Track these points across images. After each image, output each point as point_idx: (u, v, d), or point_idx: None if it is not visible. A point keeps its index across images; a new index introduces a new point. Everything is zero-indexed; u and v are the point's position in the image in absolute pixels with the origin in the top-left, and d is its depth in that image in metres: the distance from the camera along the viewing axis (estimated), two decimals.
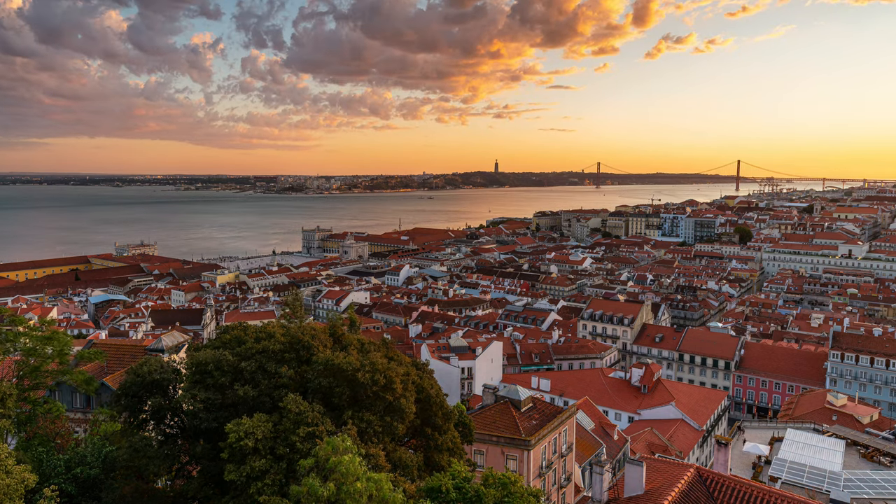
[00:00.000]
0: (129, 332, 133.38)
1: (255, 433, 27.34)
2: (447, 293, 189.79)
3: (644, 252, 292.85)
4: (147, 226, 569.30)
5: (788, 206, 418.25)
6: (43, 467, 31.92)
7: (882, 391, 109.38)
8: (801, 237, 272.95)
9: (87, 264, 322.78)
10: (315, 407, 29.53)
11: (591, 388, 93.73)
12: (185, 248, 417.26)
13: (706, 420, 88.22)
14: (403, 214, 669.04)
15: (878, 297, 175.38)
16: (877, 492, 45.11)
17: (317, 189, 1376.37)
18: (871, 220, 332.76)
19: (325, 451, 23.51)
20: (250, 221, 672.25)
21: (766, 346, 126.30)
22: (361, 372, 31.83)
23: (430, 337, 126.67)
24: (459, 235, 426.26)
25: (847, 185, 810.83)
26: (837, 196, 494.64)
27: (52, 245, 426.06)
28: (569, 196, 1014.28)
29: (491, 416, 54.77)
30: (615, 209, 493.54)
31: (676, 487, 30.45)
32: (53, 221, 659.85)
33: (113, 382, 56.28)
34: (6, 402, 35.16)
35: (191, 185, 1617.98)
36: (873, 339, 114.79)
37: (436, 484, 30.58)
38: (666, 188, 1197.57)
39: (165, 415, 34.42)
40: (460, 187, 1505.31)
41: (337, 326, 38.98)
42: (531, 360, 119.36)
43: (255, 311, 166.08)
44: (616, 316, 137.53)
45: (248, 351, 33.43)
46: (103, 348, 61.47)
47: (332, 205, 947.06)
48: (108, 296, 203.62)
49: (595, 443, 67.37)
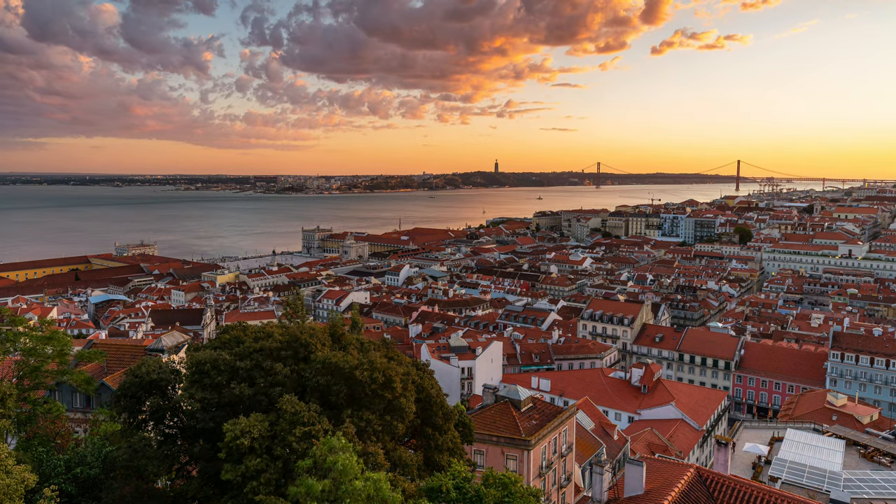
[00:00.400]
0: (129, 332, 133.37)
1: (251, 432, 27.33)
2: (447, 293, 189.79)
3: (644, 252, 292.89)
4: (147, 226, 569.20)
5: (788, 206, 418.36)
6: (43, 467, 31.91)
7: (882, 391, 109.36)
8: (801, 237, 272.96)
9: (87, 264, 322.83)
10: (311, 406, 29.49)
11: (591, 388, 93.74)
12: (185, 248, 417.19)
13: (706, 420, 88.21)
14: (403, 214, 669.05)
15: (878, 297, 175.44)
16: (877, 492, 45.06)
17: (317, 189, 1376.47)
18: (871, 220, 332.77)
19: (321, 450, 23.49)
20: (250, 221, 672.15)
21: (766, 346, 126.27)
22: (359, 370, 31.79)
23: (430, 337, 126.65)
24: (459, 235, 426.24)
25: (847, 185, 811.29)
26: (837, 196, 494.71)
27: (52, 245, 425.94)
28: (569, 196, 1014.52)
29: (491, 416, 54.76)
30: (615, 209, 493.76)
31: (676, 487, 30.44)
32: (53, 221, 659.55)
33: (113, 382, 56.33)
34: (6, 402, 35.14)
35: (191, 185, 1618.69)
36: (873, 339, 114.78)
37: (436, 484, 30.61)
38: (668, 188, 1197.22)
39: (164, 415, 34.37)
40: (460, 187, 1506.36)
41: (337, 326, 38.89)
42: (531, 360, 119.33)
43: (255, 311, 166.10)
44: (616, 316, 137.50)
45: (246, 350, 33.41)
46: (103, 348, 61.43)
47: (332, 205, 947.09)
48: (108, 296, 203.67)
49: (595, 443, 67.35)
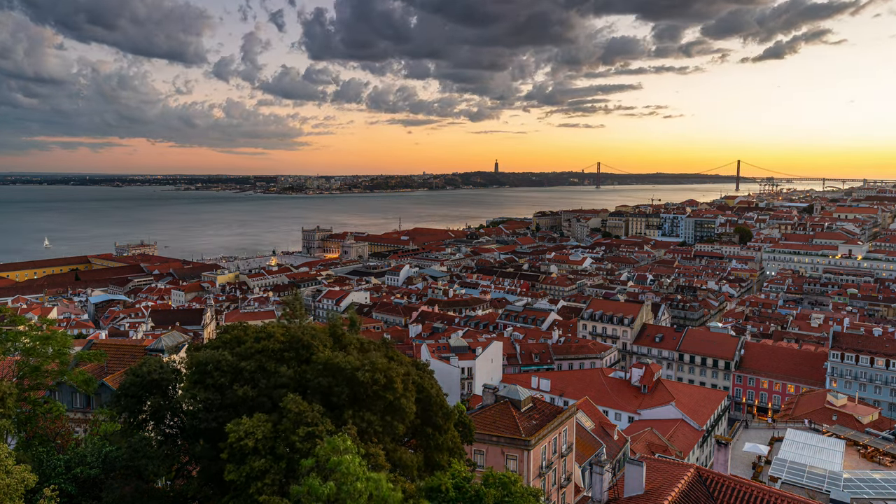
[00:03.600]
0: (129, 332, 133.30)
1: (254, 433, 27.30)
2: (447, 293, 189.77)
3: (644, 252, 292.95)
4: (147, 226, 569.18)
5: (788, 206, 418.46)
6: (43, 467, 31.85)
7: (882, 391, 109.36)
8: (801, 237, 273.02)
9: (87, 264, 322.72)
10: (315, 407, 29.47)
11: (591, 388, 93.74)
12: (185, 248, 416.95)
13: (706, 420, 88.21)
14: (403, 214, 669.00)
15: (878, 297, 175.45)
16: (877, 492, 45.03)
17: (317, 189, 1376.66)
18: (871, 220, 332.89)
19: (325, 450, 23.50)
20: (250, 221, 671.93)
21: (766, 346, 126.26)
22: (361, 371, 31.78)
23: (430, 337, 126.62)
24: (459, 235, 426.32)
25: (847, 185, 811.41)
26: (837, 196, 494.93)
27: (53, 245, 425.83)
28: (569, 196, 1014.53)
29: (491, 416, 54.75)
30: (615, 209, 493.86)
31: (676, 487, 30.45)
32: (53, 222, 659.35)
33: (113, 382, 56.26)
34: (6, 402, 35.10)
35: (191, 185, 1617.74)
36: (873, 339, 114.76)
37: (436, 483, 30.64)
38: (669, 188, 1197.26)
39: (165, 415, 34.38)
40: (460, 187, 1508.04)
41: (337, 326, 38.87)
42: (531, 360, 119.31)
43: (255, 311, 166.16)
44: (616, 316, 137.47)
45: (248, 351, 33.37)
46: (103, 348, 61.42)
47: (333, 205, 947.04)
48: (108, 296, 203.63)
49: (595, 443, 67.34)
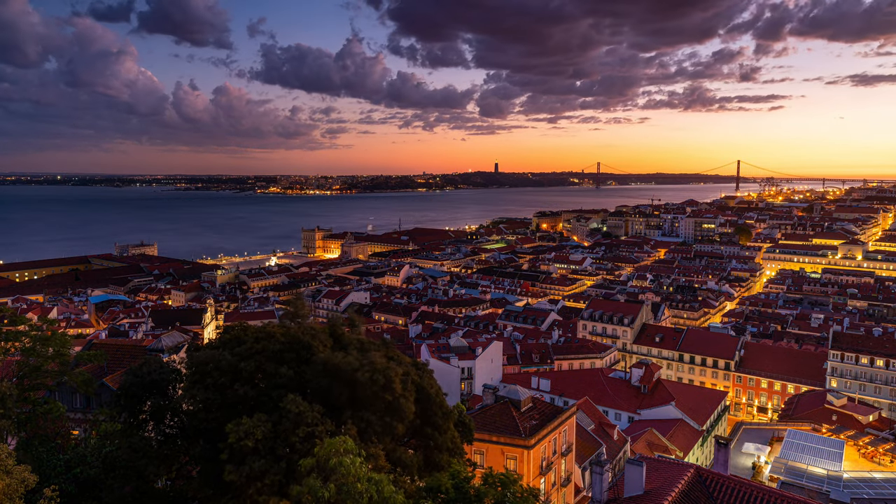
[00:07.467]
0: (129, 332, 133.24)
1: (254, 433, 27.26)
2: (447, 293, 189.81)
3: (644, 252, 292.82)
4: (147, 226, 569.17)
5: (788, 206, 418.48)
6: (43, 467, 31.88)
7: (882, 391, 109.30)
8: (801, 237, 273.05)
9: (87, 264, 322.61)
10: (315, 407, 29.44)
11: (591, 388, 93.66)
12: (185, 248, 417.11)
13: (706, 420, 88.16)
14: (404, 214, 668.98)
15: (878, 297, 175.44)
16: (877, 492, 45.08)
17: (317, 189, 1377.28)
18: (871, 220, 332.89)
19: (325, 451, 23.49)
20: (250, 221, 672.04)
21: (766, 346, 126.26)
22: (361, 371, 31.75)
23: (430, 337, 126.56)
24: (459, 235, 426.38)
25: (847, 185, 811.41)
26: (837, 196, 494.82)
27: (53, 245, 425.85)
28: (568, 196, 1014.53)
29: (491, 416, 54.73)
30: (615, 209, 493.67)
31: (676, 487, 30.44)
32: (53, 221, 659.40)
33: (113, 383, 56.34)
34: (6, 402, 35.14)
35: (191, 185, 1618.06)
36: (873, 339, 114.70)
37: (435, 483, 30.65)
38: (669, 188, 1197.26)
39: (165, 415, 34.36)
40: (459, 188, 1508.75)
41: (337, 326, 38.87)
42: (531, 360, 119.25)
43: (255, 311, 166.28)
44: (616, 316, 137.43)
45: (248, 351, 33.34)
46: (103, 348, 61.45)
47: (333, 205, 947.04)
48: (108, 296, 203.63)
49: (595, 443, 67.32)
